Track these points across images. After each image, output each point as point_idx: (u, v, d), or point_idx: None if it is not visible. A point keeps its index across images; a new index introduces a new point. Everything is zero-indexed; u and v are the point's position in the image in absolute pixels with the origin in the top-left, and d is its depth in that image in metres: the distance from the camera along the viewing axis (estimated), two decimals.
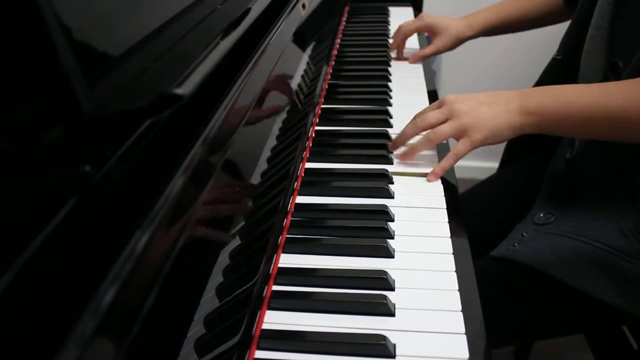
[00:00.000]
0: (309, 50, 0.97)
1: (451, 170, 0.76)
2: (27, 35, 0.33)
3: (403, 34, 1.16)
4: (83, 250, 0.34)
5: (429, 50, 1.15)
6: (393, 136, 0.84)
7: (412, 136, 0.77)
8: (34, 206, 0.33)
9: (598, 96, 0.68)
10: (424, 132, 0.76)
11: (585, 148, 0.81)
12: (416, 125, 0.75)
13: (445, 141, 0.77)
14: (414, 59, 1.16)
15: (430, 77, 1.10)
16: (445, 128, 0.72)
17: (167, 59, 0.49)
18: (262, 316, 0.53)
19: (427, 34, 1.20)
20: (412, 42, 1.25)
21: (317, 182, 0.74)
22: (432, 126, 0.74)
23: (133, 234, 0.36)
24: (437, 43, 1.13)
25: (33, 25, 0.34)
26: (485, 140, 0.72)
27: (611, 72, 0.81)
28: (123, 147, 0.40)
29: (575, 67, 0.89)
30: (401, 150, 0.79)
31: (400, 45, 1.18)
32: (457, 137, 0.73)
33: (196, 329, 0.42)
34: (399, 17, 1.47)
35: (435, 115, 0.74)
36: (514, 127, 0.72)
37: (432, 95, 1.02)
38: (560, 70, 0.96)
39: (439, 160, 0.76)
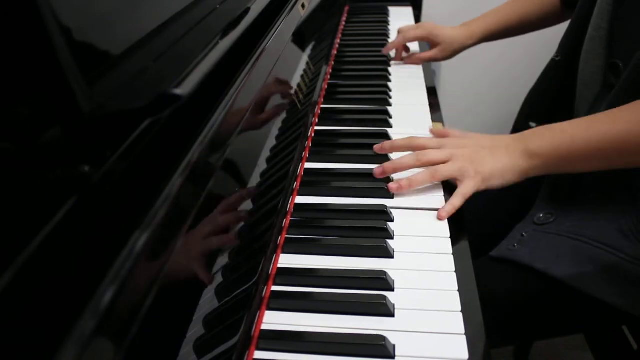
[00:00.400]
0: (308, 50, 0.97)
1: None
2: (25, 35, 0.33)
3: (403, 39, 1.15)
4: (82, 250, 0.34)
5: (426, 55, 1.15)
6: (393, 136, 0.84)
7: (409, 168, 0.74)
8: (33, 206, 0.33)
9: (602, 124, 0.67)
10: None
11: None
12: (417, 159, 0.73)
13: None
14: (410, 61, 1.16)
15: (430, 77, 1.10)
16: (447, 168, 0.71)
17: (166, 59, 0.49)
18: (261, 316, 0.53)
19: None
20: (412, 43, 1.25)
21: (317, 182, 0.74)
22: (433, 164, 0.72)
23: (132, 233, 0.36)
24: (437, 54, 1.13)
25: (31, 25, 0.33)
26: (486, 182, 0.70)
27: (611, 73, 0.81)
28: (122, 147, 0.40)
29: (574, 68, 0.88)
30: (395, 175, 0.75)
31: (400, 48, 1.17)
32: (459, 179, 0.71)
33: (195, 329, 0.42)
34: (399, 17, 1.47)
35: (437, 155, 0.72)
36: (519, 171, 0.71)
37: (431, 92, 1.03)
38: (559, 72, 0.96)
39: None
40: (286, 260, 0.60)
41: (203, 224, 0.46)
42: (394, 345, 0.49)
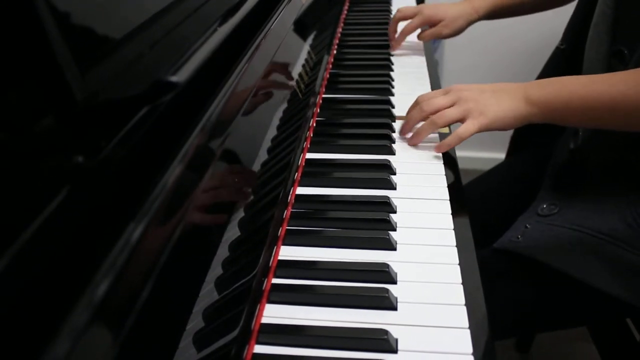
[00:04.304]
0: (309, 39, 0.96)
1: (454, 161, 0.75)
2: (15, 21, 0.32)
3: (402, 36, 1.11)
4: (77, 241, 0.33)
5: (429, 33, 1.10)
6: (395, 126, 0.83)
7: (418, 120, 0.77)
8: (26, 197, 0.32)
9: (600, 86, 0.69)
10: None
11: (588, 138, 0.80)
12: (422, 109, 0.76)
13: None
14: (419, 38, 1.12)
15: (433, 67, 1.08)
16: (450, 111, 0.73)
17: (163, 46, 0.48)
18: (261, 310, 0.52)
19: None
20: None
21: (318, 173, 0.73)
22: (438, 110, 0.75)
23: (128, 224, 0.35)
24: (441, 29, 1.08)
25: (22, 10, 0.32)
26: (489, 124, 0.72)
27: (616, 60, 0.80)
28: (118, 136, 0.39)
29: (579, 56, 0.88)
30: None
31: (400, 42, 1.13)
32: (462, 121, 0.73)
33: (194, 323, 0.41)
34: (402, 5, 1.45)
35: (441, 100, 0.75)
36: (519, 116, 0.72)
37: (435, 82, 1.01)
38: (564, 60, 0.95)
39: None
40: (287, 252, 0.59)
41: (201, 215, 0.45)
42: (396, 339, 0.48)
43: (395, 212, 0.65)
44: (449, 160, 0.76)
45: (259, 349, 0.48)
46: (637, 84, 0.66)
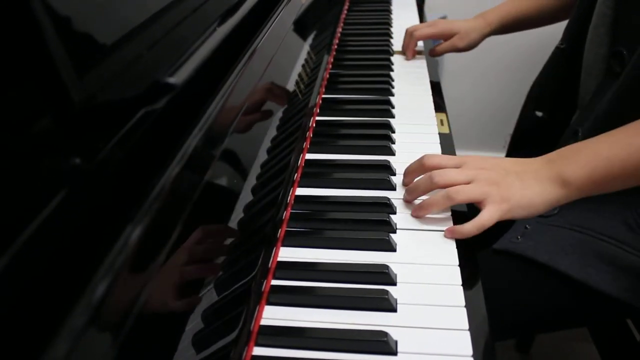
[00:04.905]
0: (309, 39, 0.96)
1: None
2: (12, 22, 0.32)
3: (415, 39, 1.11)
4: (74, 243, 0.33)
5: (445, 46, 1.11)
6: (395, 126, 0.83)
7: (425, 193, 0.65)
8: (23, 199, 0.32)
9: (635, 139, 0.63)
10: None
11: (589, 137, 0.80)
12: (433, 181, 0.63)
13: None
14: (431, 55, 1.12)
15: (433, 66, 1.08)
16: (470, 189, 0.62)
17: (162, 47, 0.47)
18: (260, 311, 0.52)
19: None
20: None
21: (318, 174, 0.72)
22: (452, 186, 0.63)
23: (126, 226, 0.35)
24: (457, 42, 1.08)
25: (19, 11, 0.32)
26: (513, 212, 0.62)
27: (615, 61, 0.80)
28: (115, 138, 0.39)
29: (579, 57, 0.88)
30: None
31: (412, 48, 1.12)
32: (481, 205, 0.62)
33: (194, 324, 0.41)
34: (402, 5, 1.45)
35: (456, 175, 0.63)
36: (550, 200, 0.63)
37: (435, 82, 1.01)
38: (564, 60, 0.95)
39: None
40: (286, 254, 0.59)
41: (200, 217, 0.44)
42: (396, 341, 0.48)
43: (395, 213, 0.65)
44: None
45: (258, 350, 0.48)
46: None
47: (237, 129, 0.54)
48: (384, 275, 0.55)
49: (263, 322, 0.51)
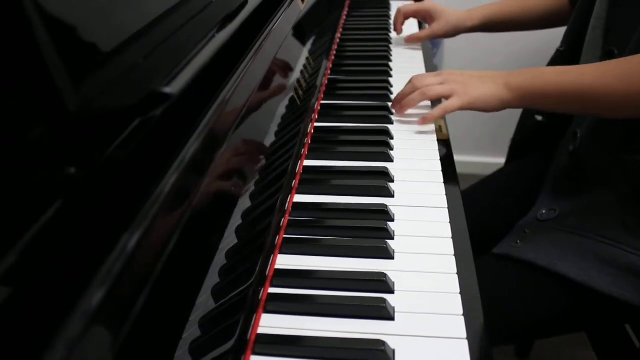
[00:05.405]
0: (308, 45, 0.96)
1: (453, 168, 0.75)
2: (6, 28, 0.32)
3: (402, 15, 1.20)
4: (71, 251, 0.33)
5: (424, 33, 1.18)
6: (394, 133, 0.83)
7: (409, 94, 0.85)
8: (19, 207, 0.32)
9: (573, 75, 0.75)
10: None
11: (587, 140, 0.81)
12: (414, 85, 0.85)
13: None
14: (409, 39, 1.19)
15: (432, 72, 1.08)
16: (439, 87, 0.82)
17: (159, 55, 0.47)
18: (257, 320, 0.51)
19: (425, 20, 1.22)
20: (414, 28, 1.25)
21: (316, 180, 0.72)
22: (428, 86, 0.83)
23: (123, 234, 0.35)
24: (434, 27, 1.15)
25: (13, 18, 0.32)
26: (472, 102, 0.79)
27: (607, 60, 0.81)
28: (111, 147, 0.39)
29: (578, 59, 0.89)
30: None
31: (400, 24, 1.22)
32: (448, 97, 0.81)
33: (191, 332, 0.41)
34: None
35: (432, 79, 0.84)
36: (501, 99, 0.79)
37: None
38: (564, 62, 0.96)
39: None
40: (284, 261, 0.59)
41: (197, 223, 0.44)
42: (393, 350, 0.48)
43: (393, 220, 0.65)
44: (448, 167, 0.75)
45: (255, 359, 0.48)
46: (604, 75, 0.72)
47: (235, 136, 0.54)
48: (382, 283, 0.55)
49: (260, 330, 0.50)
